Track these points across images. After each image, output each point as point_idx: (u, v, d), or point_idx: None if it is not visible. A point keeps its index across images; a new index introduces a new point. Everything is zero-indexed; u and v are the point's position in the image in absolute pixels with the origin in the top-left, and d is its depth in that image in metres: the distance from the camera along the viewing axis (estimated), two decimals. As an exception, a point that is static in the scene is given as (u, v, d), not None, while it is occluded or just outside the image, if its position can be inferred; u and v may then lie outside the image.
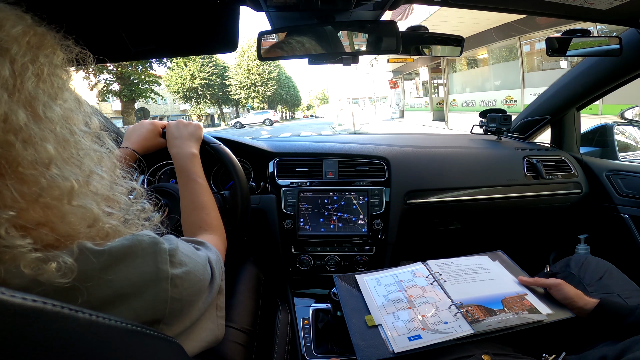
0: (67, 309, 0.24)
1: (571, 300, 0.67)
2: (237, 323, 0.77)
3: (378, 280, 0.80)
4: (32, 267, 0.29)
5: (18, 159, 0.30)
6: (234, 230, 0.80)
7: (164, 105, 26.35)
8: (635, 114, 1.54)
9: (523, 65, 8.36)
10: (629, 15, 0.87)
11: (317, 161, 1.11)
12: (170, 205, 0.74)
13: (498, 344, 0.64)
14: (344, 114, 14.15)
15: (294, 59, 0.87)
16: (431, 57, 11.23)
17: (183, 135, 0.76)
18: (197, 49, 1.03)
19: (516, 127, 1.49)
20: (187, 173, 0.70)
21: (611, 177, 1.24)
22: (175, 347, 0.37)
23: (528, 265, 0.85)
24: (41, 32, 0.37)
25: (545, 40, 1.02)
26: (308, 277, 1.07)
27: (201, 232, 0.63)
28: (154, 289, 0.36)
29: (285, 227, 1.04)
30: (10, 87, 0.31)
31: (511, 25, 8.06)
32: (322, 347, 0.89)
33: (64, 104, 0.37)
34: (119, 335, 0.28)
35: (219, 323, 0.48)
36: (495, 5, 0.88)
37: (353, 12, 0.80)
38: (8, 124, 0.30)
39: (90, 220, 0.35)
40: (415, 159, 1.14)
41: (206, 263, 0.46)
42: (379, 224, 1.04)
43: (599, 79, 1.20)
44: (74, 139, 0.37)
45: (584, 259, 0.84)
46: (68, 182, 0.33)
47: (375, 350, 0.62)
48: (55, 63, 0.37)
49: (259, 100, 27.20)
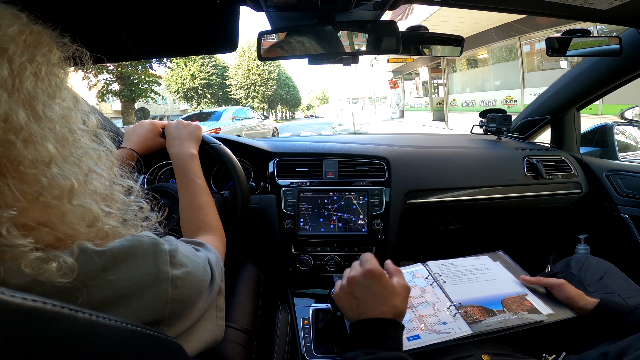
0: (67, 309, 0.24)
1: (572, 301, 0.67)
2: (237, 323, 0.77)
3: (378, 280, 0.80)
4: (32, 266, 0.29)
5: (19, 158, 0.30)
6: (234, 230, 0.80)
7: (164, 105, 26.34)
8: (635, 114, 1.54)
9: (523, 65, 8.37)
10: (629, 15, 0.87)
11: (317, 161, 1.11)
12: (169, 205, 0.74)
13: (498, 343, 0.64)
14: (344, 114, 14.15)
15: (294, 59, 0.87)
16: (431, 57, 11.23)
17: (182, 135, 0.76)
18: (197, 49, 1.03)
19: (516, 127, 1.49)
20: (186, 173, 0.70)
21: (611, 177, 1.24)
22: (175, 347, 0.37)
23: (528, 265, 0.85)
24: (37, 31, 0.37)
25: (545, 40, 1.02)
26: (308, 277, 1.07)
27: (200, 233, 0.63)
28: (154, 289, 0.36)
29: (285, 227, 1.04)
30: (10, 86, 0.31)
31: (511, 25, 8.06)
32: (322, 347, 0.89)
33: (63, 102, 0.37)
34: (119, 335, 0.28)
35: (219, 324, 0.48)
36: (495, 5, 0.88)
37: (353, 12, 0.80)
38: (8, 124, 0.30)
39: (89, 219, 0.35)
40: (415, 159, 1.14)
41: (206, 264, 0.46)
42: (379, 224, 1.04)
43: (599, 79, 1.20)
44: (73, 137, 0.37)
45: (585, 259, 0.84)
46: (68, 180, 0.34)
47: (375, 350, 0.62)
48: (52, 62, 0.37)
49: (259, 100, 27.20)
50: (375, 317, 0.48)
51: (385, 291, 0.50)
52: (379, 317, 0.48)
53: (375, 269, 0.51)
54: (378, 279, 0.50)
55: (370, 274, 0.51)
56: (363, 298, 0.50)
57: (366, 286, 0.50)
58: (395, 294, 0.50)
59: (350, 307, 0.51)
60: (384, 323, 0.48)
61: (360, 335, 0.48)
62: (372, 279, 0.50)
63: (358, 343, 0.48)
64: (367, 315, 0.48)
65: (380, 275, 0.51)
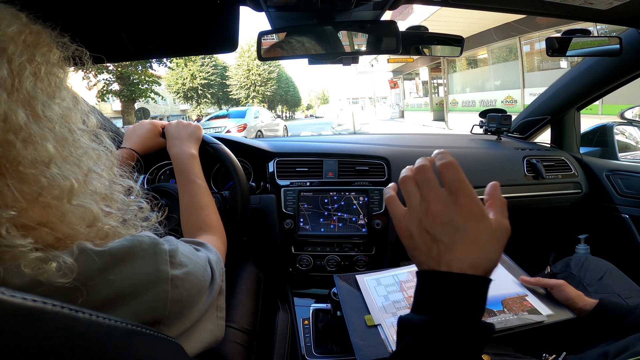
0: (67, 309, 0.24)
1: (572, 301, 0.67)
2: (237, 323, 0.77)
3: (378, 280, 0.80)
4: (32, 266, 0.29)
5: (18, 158, 0.30)
6: (234, 230, 0.80)
7: (164, 105, 26.35)
8: (635, 114, 1.54)
9: (523, 65, 8.37)
10: (629, 15, 0.87)
11: (317, 161, 1.11)
12: (170, 205, 0.74)
13: (498, 344, 0.64)
14: (344, 114, 14.14)
15: (294, 59, 0.87)
16: (431, 57, 11.23)
17: (182, 135, 0.76)
18: (197, 49, 1.03)
19: (516, 127, 1.49)
20: (186, 174, 0.70)
21: (611, 177, 1.24)
22: (175, 347, 0.37)
23: (528, 265, 0.85)
24: (37, 31, 0.37)
25: (545, 40, 1.02)
26: (308, 277, 1.07)
27: (200, 233, 0.63)
28: (154, 289, 0.36)
29: (285, 227, 1.04)
30: (9, 86, 0.31)
31: (511, 25, 8.07)
32: (322, 347, 0.89)
33: (62, 102, 0.37)
34: (119, 335, 0.28)
35: (219, 324, 0.48)
36: (495, 5, 0.88)
37: (353, 12, 0.80)
38: (8, 124, 0.30)
39: (89, 219, 0.35)
40: (415, 159, 1.13)
41: (206, 264, 0.46)
42: (379, 224, 1.04)
43: (599, 79, 1.20)
44: (72, 137, 0.37)
45: (584, 259, 0.84)
46: (68, 181, 0.33)
47: (374, 349, 0.62)
48: (52, 61, 0.37)
49: (259, 100, 27.20)
50: (461, 271, 0.33)
51: (484, 236, 0.34)
52: (467, 274, 0.33)
53: (477, 209, 0.34)
54: (478, 221, 0.34)
55: (469, 215, 0.34)
56: (450, 242, 0.34)
57: (458, 228, 0.34)
58: (496, 239, 0.35)
59: (427, 249, 0.35)
60: (473, 281, 0.34)
61: (433, 293, 0.35)
62: (470, 220, 0.34)
63: (427, 302, 0.35)
64: (451, 267, 0.34)
65: (482, 217, 0.35)
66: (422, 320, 0.33)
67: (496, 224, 0.35)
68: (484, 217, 0.35)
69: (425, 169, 0.37)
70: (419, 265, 0.37)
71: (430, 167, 0.38)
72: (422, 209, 0.36)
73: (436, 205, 0.35)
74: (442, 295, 0.34)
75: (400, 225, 0.38)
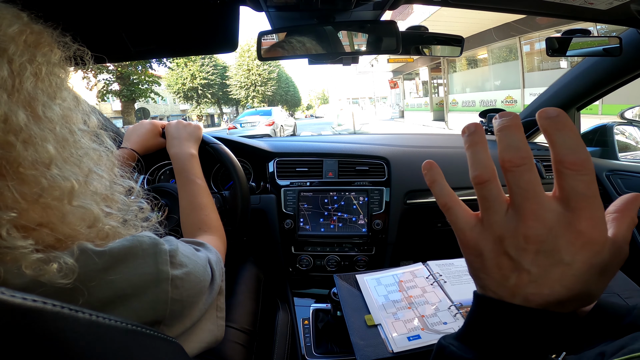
0: (67, 309, 0.24)
1: None
2: (237, 323, 0.77)
3: (378, 280, 0.80)
4: (33, 267, 0.29)
5: (19, 159, 0.30)
6: (234, 230, 0.80)
7: (164, 105, 26.38)
8: (635, 114, 1.54)
9: (523, 65, 8.37)
10: (629, 15, 0.87)
11: (317, 161, 1.11)
12: (170, 206, 0.74)
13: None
14: (344, 114, 14.13)
15: (294, 59, 0.87)
16: (431, 57, 11.24)
17: (182, 135, 0.76)
18: (197, 49, 1.03)
19: (516, 127, 1.49)
20: (186, 174, 0.70)
21: (611, 177, 1.24)
22: (175, 347, 0.37)
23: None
24: (38, 31, 0.37)
25: (545, 40, 1.02)
26: (308, 277, 1.07)
27: (200, 233, 0.63)
28: (154, 290, 0.36)
29: (285, 227, 1.04)
30: (10, 87, 0.31)
31: (511, 25, 8.07)
32: (322, 347, 0.89)
33: (63, 103, 0.37)
34: (119, 335, 0.28)
35: (219, 324, 0.48)
36: (495, 5, 0.88)
37: (353, 12, 0.80)
38: (8, 125, 0.30)
39: (90, 220, 0.35)
40: (415, 159, 1.14)
41: (206, 264, 0.46)
42: (379, 224, 1.04)
43: (599, 79, 1.20)
44: (73, 138, 0.37)
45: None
46: (68, 182, 0.33)
47: (375, 349, 0.62)
48: (52, 62, 0.37)
49: (259, 100, 27.20)
50: (543, 307, 0.24)
51: (595, 270, 0.23)
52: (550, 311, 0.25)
53: (600, 238, 0.23)
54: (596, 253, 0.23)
55: (585, 246, 0.22)
56: (540, 275, 0.24)
57: (562, 261, 0.23)
58: (608, 273, 0.24)
59: (501, 277, 0.25)
60: (555, 319, 0.25)
61: (494, 328, 0.26)
62: (583, 251, 0.23)
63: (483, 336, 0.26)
64: (530, 301, 0.24)
65: (602, 249, 0.23)
66: (472, 358, 0.25)
67: (615, 251, 0.23)
68: (604, 247, 0.23)
69: (526, 161, 0.24)
70: (481, 288, 0.28)
71: (532, 161, 0.24)
72: (508, 225, 0.24)
73: (535, 225, 0.23)
74: (506, 332, 0.25)
75: (466, 237, 0.28)
